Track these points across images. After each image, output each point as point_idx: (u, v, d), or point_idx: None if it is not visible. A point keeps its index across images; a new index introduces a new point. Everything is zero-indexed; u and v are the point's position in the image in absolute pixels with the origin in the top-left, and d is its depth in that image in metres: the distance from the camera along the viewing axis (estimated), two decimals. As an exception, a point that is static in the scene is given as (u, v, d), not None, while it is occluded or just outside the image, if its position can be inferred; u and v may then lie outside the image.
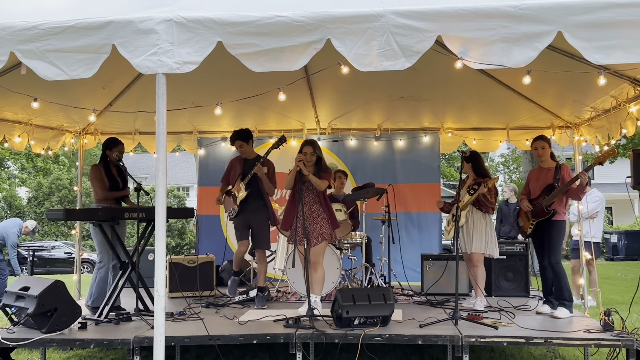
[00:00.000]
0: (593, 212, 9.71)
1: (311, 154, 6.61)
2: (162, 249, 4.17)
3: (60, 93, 6.49)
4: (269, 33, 4.00)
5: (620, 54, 3.89)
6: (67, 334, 5.68)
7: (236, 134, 7.34)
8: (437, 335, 5.51)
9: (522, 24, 3.88)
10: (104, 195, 7.02)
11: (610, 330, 5.59)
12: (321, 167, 6.67)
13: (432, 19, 3.92)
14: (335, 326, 5.73)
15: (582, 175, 6.43)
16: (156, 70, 4.06)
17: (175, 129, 9.39)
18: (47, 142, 8.30)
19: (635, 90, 5.98)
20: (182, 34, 4.01)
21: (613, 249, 24.00)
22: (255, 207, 7.26)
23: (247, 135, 7.39)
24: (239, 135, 7.33)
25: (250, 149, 7.45)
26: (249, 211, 7.26)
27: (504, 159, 32.40)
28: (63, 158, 29.13)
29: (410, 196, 9.90)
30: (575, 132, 8.07)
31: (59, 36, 4.08)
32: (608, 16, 3.84)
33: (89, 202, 15.34)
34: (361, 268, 8.15)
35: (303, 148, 6.66)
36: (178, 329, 5.85)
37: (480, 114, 8.78)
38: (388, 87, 7.56)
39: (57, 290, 5.78)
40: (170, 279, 7.97)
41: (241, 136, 7.33)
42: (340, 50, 4.00)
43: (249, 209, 7.26)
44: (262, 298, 7.20)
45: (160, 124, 4.13)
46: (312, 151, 6.61)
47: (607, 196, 13.66)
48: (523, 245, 8.28)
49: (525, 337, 5.51)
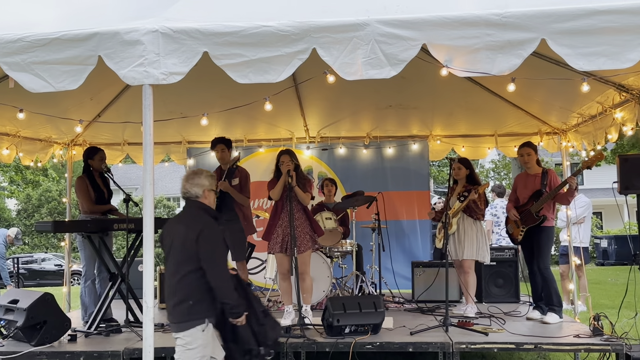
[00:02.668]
0: (580, 217, 9.75)
1: (289, 162, 6.60)
2: (151, 259, 4.16)
3: (48, 104, 6.48)
4: (254, 43, 4.00)
5: (603, 60, 3.92)
6: (56, 347, 5.66)
7: (219, 138, 7.34)
8: (427, 343, 5.53)
9: (506, 32, 3.91)
10: (89, 208, 6.97)
11: (599, 335, 5.63)
12: (300, 175, 6.66)
13: (416, 27, 3.93)
14: (326, 335, 5.74)
15: (570, 180, 6.47)
16: (142, 81, 4.05)
17: (164, 139, 9.37)
18: (35, 154, 8.26)
19: (621, 96, 6.03)
20: (168, 45, 4.01)
21: (603, 253, 24.08)
22: (228, 217, 7.15)
23: (229, 142, 7.40)
24: (222, 139, 7.33)
25: (228, 157, 7.41)
26: (222, 222, 7.18)
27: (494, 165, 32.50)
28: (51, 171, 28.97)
29: (400, 204, 9.92)
30: (562, 138, 8.12)
31: (45, 48, 4.07)
32: (591, 23, 3.86)
33: (78, 213, 15.27)
34: (352, 276, 8.16)
35: (280, 158, 6.65)
36: (169, 339, 5.81)
37: (469, 121, 8.83)
38: (376, 96, 7.58)
39: (46, 303, 5.77)
40: (160, 290, 7.92)
41: (224, 140, 7.34)
42: (326, 59, 4.01)
43: (222, 220, 7.19)
44: None
45: (147, 135, 4.13)
46: (289, 160, 6.61)
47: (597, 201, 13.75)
48: (513, 251, 8.32)
49: (516, 343, 5.55)
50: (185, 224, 4.41)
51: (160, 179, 40.03)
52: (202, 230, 4.28)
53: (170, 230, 4.51)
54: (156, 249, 4.42)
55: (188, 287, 4.27)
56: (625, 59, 3.87)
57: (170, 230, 4.51)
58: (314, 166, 10.04)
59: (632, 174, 5.59)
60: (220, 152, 7.33)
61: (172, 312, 4.34)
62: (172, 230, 4.49)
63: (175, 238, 4.38)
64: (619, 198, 5.97)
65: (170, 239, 4.43)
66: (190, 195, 4.50)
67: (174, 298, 4.31)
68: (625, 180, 5.61)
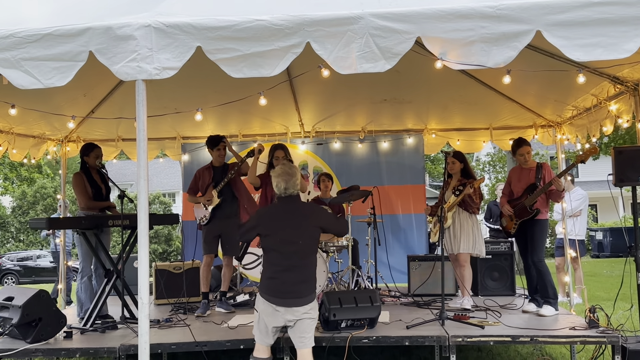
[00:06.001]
0: (576, 210, 9.77)
1: (283, 158, 6.58)
2: (145, 256, 4.15)
3: (42, 100, 6.45)
4: (248, 37, 3.98)
5: (600, 51, 3.91)
6: (52, 344, 5.63)
7: (220, 137, 7.33)
8: (424, 336, 5.53)
9: (500, 24, 3.89)
10: (86, 204, 6.95)
11: (595, 327, 5.64)
12: None
13: (411, 20, 3.92)
14: (322, 329, 5.73)
15: (555, 183, 6.48)
16: (135, 76, 4.03)
17: (158, 135, 9.36)
18: (27, 150, 8.20)
19: (615, 88, 6.03)
20: (160, 40, 3.98)
21: (599, 246, 24.18)
22: (228, 213, 7.22)
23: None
24: (222, 137, 7.33)
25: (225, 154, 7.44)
26: (222, 217, 7.22)
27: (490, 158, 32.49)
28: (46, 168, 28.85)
29: (396, 198, 9.93)
30: (557, 130, 8.12)
31: (36, 44, 4.04)
32: (586, 14, 3.85)
33: (75, 210, 15.23)
34: (348, 270, 8.15)
35: (275, 152, 6.64)
36: (164, 335, 5.83)
37: (464, 115, 8.83)
38: (371, 90, 7.57)
39: (41, 300, 5.74)
40: (156, 286, 7.92)
41: (224, 138, 7.34)
42: (320, 53, 3.99)
43: (222, 215, 7.22)
44: (224, 302, 7.22)
45: (140, 131, 4.11)
46: (283, 155, 6.60)
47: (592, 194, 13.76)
48: (508, 244, 8.32)
49: (512, 336, 5.54)
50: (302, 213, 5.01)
51: (156, 175, 40.00)
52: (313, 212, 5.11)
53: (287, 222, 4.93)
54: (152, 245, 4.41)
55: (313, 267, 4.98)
56: (622, 50, 3.86)
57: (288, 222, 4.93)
58: (309, 161, 10.04)
59: (627, 166, 5.58)
60: (222, 149, 7.32)
61: (301, 289, 4.82)
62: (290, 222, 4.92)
63: (298, 229, 4.88)
64: (614, 190, 5.96)
65: (290, 231, 4.86)
66: (292, 192, 4.99)
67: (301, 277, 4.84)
68: (620, 173, 5.59)
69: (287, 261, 4.82)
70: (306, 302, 4.81)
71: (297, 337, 4.84)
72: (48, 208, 30.88)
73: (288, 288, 4.80)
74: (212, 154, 7.34)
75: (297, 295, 4.79)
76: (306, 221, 4.93)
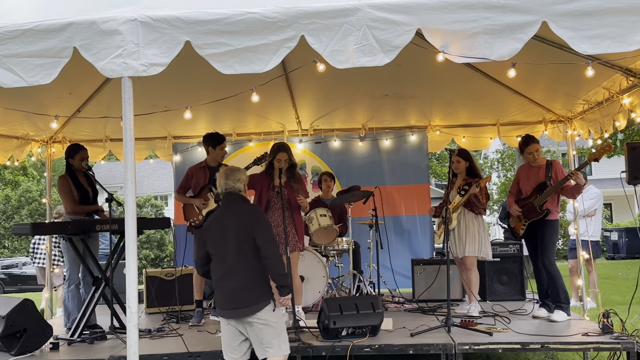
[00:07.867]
0: (590, 209, 9.75)
1: (286, 161, 6.55)
2: (134, 262, 4.16)
3: (25, 99, 6.45)
4: (239, 31, 3.98)
5: (608, 43, 3.91)
6: (38, 356, 5.66)
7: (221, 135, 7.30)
8: (429, 344, 5.53)
9: (505, 15, 3.89)
10: (72, 209, 6.93)
11: (609, 333, 5.63)
12: (294, 175, 6.63)
13: (410, 11, 3.91)
14: (322, 338, 5.74)
15: (576, 177, 6.40)
16: (121, 73, 4.03)
17: (148, 135, 9.33)
18: (10, 152, 8.20)
19: (628, 80, 6.02)
20: (147, 35, 3.98)
21: (614, 247, 24.04)
22: None
23: None
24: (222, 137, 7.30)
25: None
26: None
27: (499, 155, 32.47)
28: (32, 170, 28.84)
29: (399, 198, 9.93)
30: (568, 126, 8.11)
31: (17, 40, 4.04)
32: (594, 4, 3.85)
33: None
34: (349, 275, 8.15)
35: (277, 154, 6.58)
36: (156, 346, 5.83)
37: (469, 110, 8.81)
38: (371, 85, 7.56)
39: (25, 310, 5.75)
40: (147, 294, 7.91)
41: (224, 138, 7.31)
42: (315, 47, 3.99)
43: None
44: (199, 313, 7.18)
45: (127, 130, 4.12)
46: (287, 158, 6.56)
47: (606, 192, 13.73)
48: (517, 246, 8.30)
49: (521, 343, 5.55)
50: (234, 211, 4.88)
51: (147, 177, 40.00)
52: (254, 217, 4.83)
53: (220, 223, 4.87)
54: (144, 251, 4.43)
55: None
56: (631, 41, 3.86)
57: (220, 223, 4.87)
58: (307, 160, 10.03)
59: (641, 162, 5.58)
60: (224, 149, 7.28)
61: (244, 296, 4.67)
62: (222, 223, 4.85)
63: (229, 229, 4.75)
64: (628, 188, 5.95)
65: (223, 232, 4.78)
66: (233, 189, 4.96)
67: (242, 281, 4.70)
68: (634, 170, 5.60)
69: (223, 266, 4.74)
70: (257, 310, 4.63)
71: (261, 348, 4.70)
72: (33, 213, 30.80)
73: (230, 296, 4.70)
74: (213, 152, 7.21)
75: (245, 304, 4.65)
76: (234, 219, 4.80)
